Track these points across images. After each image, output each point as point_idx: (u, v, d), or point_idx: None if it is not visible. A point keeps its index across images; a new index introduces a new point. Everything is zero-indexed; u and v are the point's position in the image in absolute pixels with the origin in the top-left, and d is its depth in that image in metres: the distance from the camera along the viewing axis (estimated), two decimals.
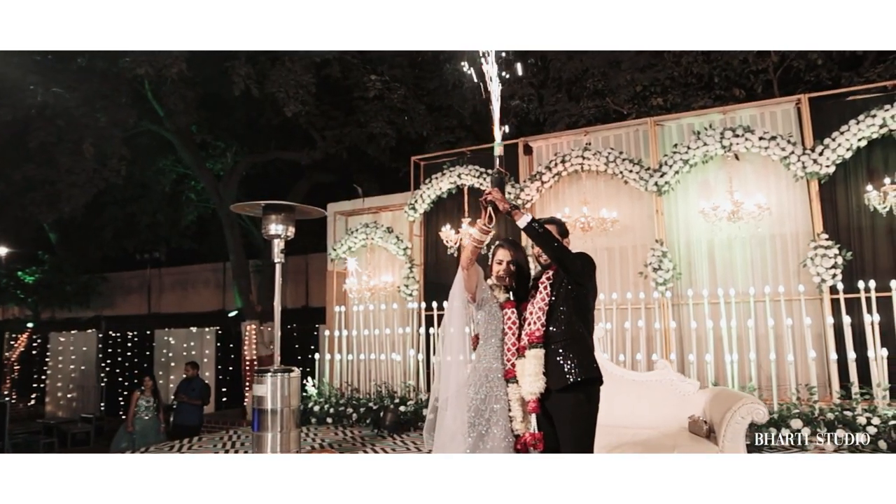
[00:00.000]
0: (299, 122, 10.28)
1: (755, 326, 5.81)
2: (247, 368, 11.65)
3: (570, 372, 2.85)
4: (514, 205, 2.91)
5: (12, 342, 16.02)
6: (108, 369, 15.08)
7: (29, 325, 16.90)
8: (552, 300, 2.96)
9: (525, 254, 3.18)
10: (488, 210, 2.93)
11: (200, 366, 10.61)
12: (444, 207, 8.08)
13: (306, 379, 7.43)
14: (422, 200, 8.04)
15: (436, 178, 7.94)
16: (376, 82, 9.78)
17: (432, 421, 3.03)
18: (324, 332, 8.48)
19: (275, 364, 5.33)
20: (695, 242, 6.65)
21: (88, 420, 12.96)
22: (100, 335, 15.23)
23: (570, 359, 2.87)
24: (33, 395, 15.61)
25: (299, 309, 14.84)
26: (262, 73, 9.27)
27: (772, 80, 8.61)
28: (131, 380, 14.78)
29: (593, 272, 3.01)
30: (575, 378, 2.84)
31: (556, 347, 2.91)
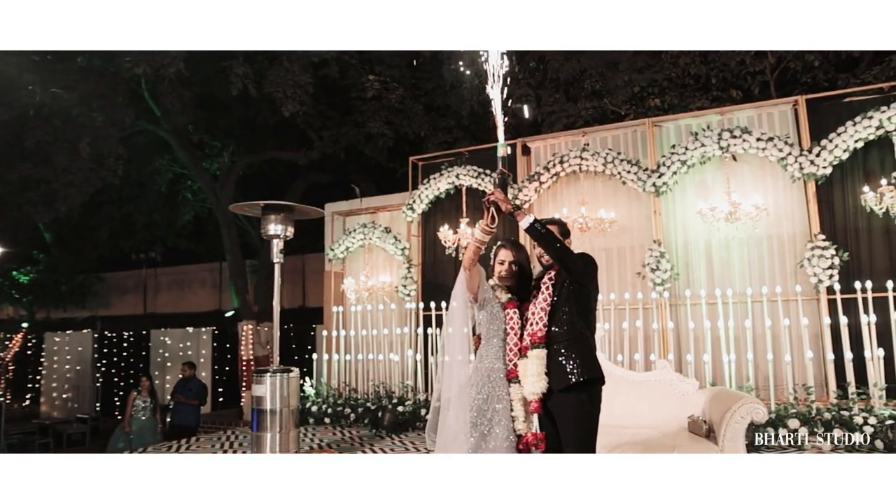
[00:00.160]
0: (297, 122, 10.27)
1: (752, 327, 5.84)
2: (243, 368, 11.61)
3: (572, 372, 2.85)
4: (517, 205, 2.92)
5: (7, 342, 15.94)
6: (103, 369, 15.03)
7: (24, 325, 16.83)
8: (554, 300, 2.97)
9: (527, 254, 3.19)
10: (491, 211, 2.93)
11: (197, 366, 10.58)
12: (442, 208, 8.08)
13: (304, 379, 7.42)
14: (420, 201, 8.04)
15: (434, 178, 7.94)
16: (374, 82, 9.78)
17: (434, 421, 3.03)
18: (321, 332, 8.47)
19: (274, 364, 5.33)
20: (692, 243, 6.68)
21: (84, 420, 12.93)
22: (95, 335, 15.18)
23: (572, 359, 2.87)
24: (28, 396, 15.54)
25: (296, 309, 14.82)
26: (259, 72, 9.26)
27: (769, 82, 8.65)
28: (127, 380, 14.74)
29: (595, 272, 3.02)
30: (577, 378, 2.85)
31: (558, 348, 2.92)
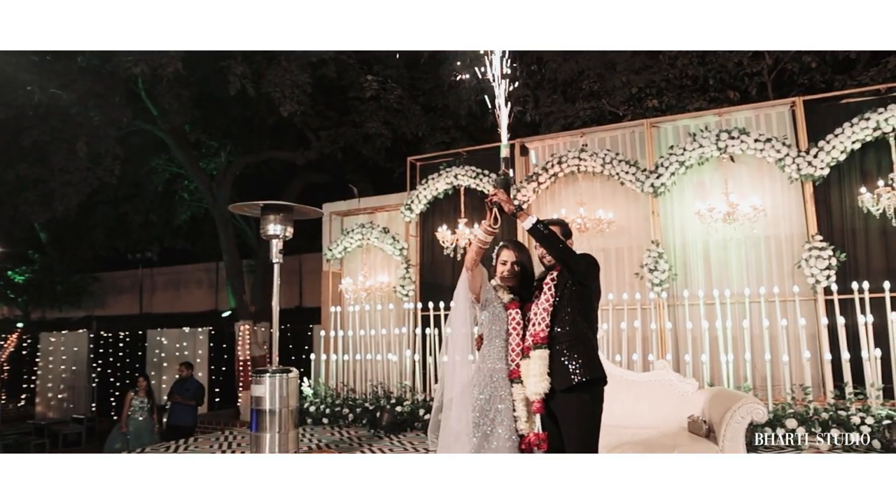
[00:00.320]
0: (294, 122, 10.25)
1: (750, 327, 5.86)
2: (240, 369, 11.59)
3: (574, 372, 2.86)
4: (520, 206, 2.93)
5: (2, 342, 15.86)
6: (99, 370, 14.97)
7: (19, 325, 16.75)
8: (556, 301, 2.98)
9: (529, 255, 3.19)
10: (494, 211, 2.94)
11: (193, 366, 10.56)
12: (440, 208, 8.08)
13: (301, 379, 7.41)
14: (418, 201, 8.04)
15: (432, 178, 7.94)
16: (373, 83, 9.77)
17: (437, 421, 3.03)
18: (319, 332, 8.46)
19: (273, 364, 5.33)
20: (690, 243, 6.70)
21: (80, 421, 12.88)
22: (91, 335, 15.12)
23: (574, 359, 2.88)
24: (23, 396, 15.46)
25: (293, 309, 14.79)
26: (257, 72, 9.23)
27: (766, 83, 8.68)
28: (123, 380, 14.69)
29: (597, 273, 3.04)
30: (580, 378, 2.86)
31: (560, 348, 2.92)
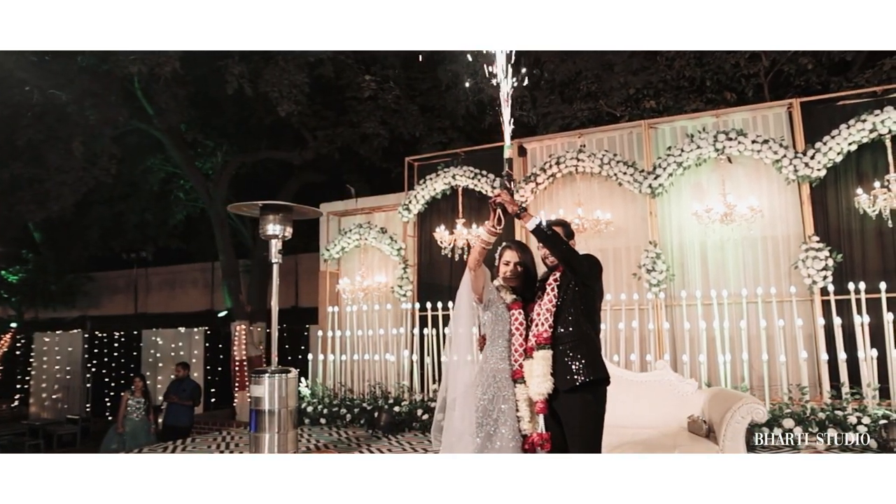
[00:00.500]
0: (291, 121, 10.22)
1: (747, 327, 5.89)
2: (236, 369, 11.56)
3: (578, 373, 2.87)
4: (523, 207, 2.93)
5: None
6: (93, 370, 14.90)
7: (12, 325, 16.65)
8: (559, 301, 2.99)
9: (532, 255, 3.20)
10: (497, 212, 2.95)
11: (190, 366, 10.52)
12: (438, 208, 8.08)
13: (299, 380, 7.40)
14: (416, 201, 8.04)
15: (430, 178, 7.94)
16: (371, 83, 9.75)
17: (440, 421, 3.04)
18: (316, 332, 8.44)
19: (272, 364, 5.32)
20: (688, 244, 6.72)
21: (74, 421, 12.82)
22: (85, 335, 15.05)
23: (577, 360, 2.89)
24: (17, 397, 15.38)
25: (289, 309, 14.76)
26: (255, 72, 9.20)
27: (762, 84, 8.73)
28: (118, 380, 14.63)
29: (600, 273, 3.04)
30: (583, 379, 2.87)
31: (563, 348, 2.93)
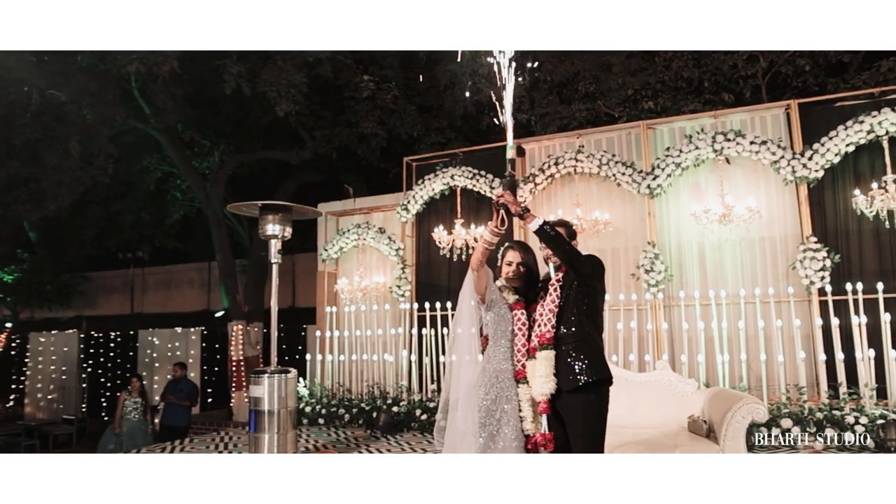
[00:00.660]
0: (289, 121, 10.20)
1: (745, 328, 5.91)
2: (233, 369, 11.53)
3: (580, 373, 2.88)
4: (526, 208, 2.94)
5: None
6: (89, 370, 14.85)
7: (7, 324, 16.57)
8: (562, 302, 2.99)
9: (534, 256, 3.20)
10: (500, 212, 2.96)
11: (187, 366, 10.49)
12: (436, 208, 8.09)
13: (297, 380, 7.40)
14: (414, 201, 8.04)
15: (428, 179, 7.94)
16: (369, 83, 9.74)
17: (443, 422, 3.04)
18: (314, 332, 8.43)
19: (272, 364, 5.31)
20: (686, 245, 6.74)
21: (70, 422, 12.77)
22: (81, 335, 14.99)
23: (580, 360, 2.90)
24: (12, 397, 15.30)
25: (286, 309, 14.73)
26: (253, 71, 9.18)
27: (760, 86, 8.77)
28: (114, 381, 14.58)
29: (603, 274, 3.05)
30: (586, 379, 2.87)
31: (566, 349, 2.94)
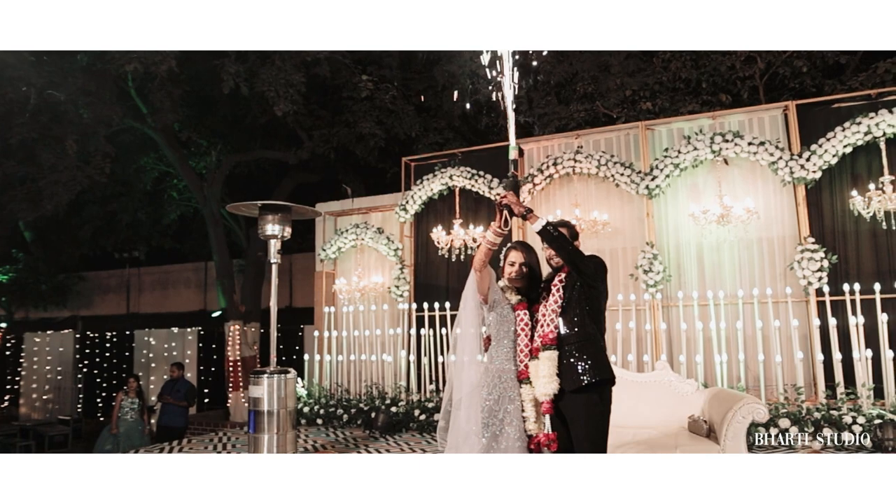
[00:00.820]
0: (287, 121, 10.19)
1: (743, 328, 5.94)
2: (230, 369, 11.50)
3: (583, 373, 2.88)
4: (529, 208, 2.94)
5: None
6: (85, 370, 14.79)
7: (2, 325, 16.49)
8: (565, 302, 3.00)
9: (537, 256, 3.21)
10: (503, 213, 2.96)
11: (184, 366, 10.47)
12: (435, 209, 8.09)
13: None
14: (413, 202, 8.04)
15: (427, 179, 7.94)
16: (368, 83, 9.73)
17: (446, 422, 3.04)
18: (312, 332, 8.42)
19: (271, 364, 5.30)
20: (684, 245, 6.76)
21: (66, 422, 12.70)
22: (77, 335, 14.93)
23: (583, 360, 2.90)
24: (7, 397, 15.23)
25: (283, 309, 14.63)
26: (251, 71, 9.16)
27: (758, 87, 8.80)
28: (110, 381, 14.53)
29: (605, 274, 3.06)
30: (589, 379, 2.88)
31: (569, 349, 2.94)
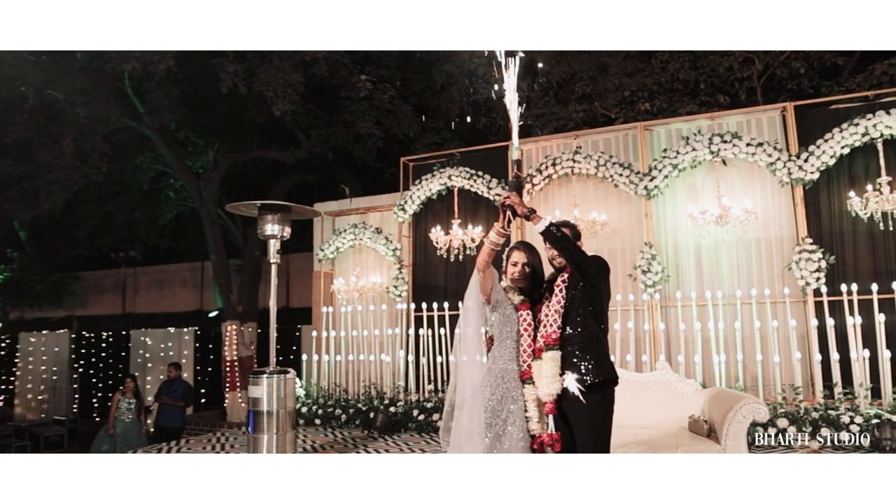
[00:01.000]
0: (285, 121, 10.17)
1: (742, 328, 5.96)
2: (227, 369, 11.48)
3: (587, 374, 2.89)
4: (532, 209, 2.94)
5: None
6: (80, 370, 14.72)
7: None
8: (568, 303, 3.01)
9: (539, 257, 3.21)
10: (507, 213, 2.97)
11: (181, 367, 10.42)
12: (433, 209, 8.09)
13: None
14: (412, 201, 8.04)
15: (426, 179, 7.94)
16: (367, 83, 9.72)
17: (449, 422, 3.04)
18: (310, 332, 8.41)
19: (271, 364, 5.30)
20: (682, 245, 6.79)
21: (61, 423, 12.65)
22: (72, 335, 14.86)
23: (586, 360, 2.91)
24: (2, 398, 15.15)
25: (280, 309, 14.60)
26: (249, 70, 9.14)
27: (755, 88, 8.83)
28: (106, 381, 14.46)
29: (608, 275, 3.06)
30: (592, 380, 2.88)
31: (572, 349, 2.95)
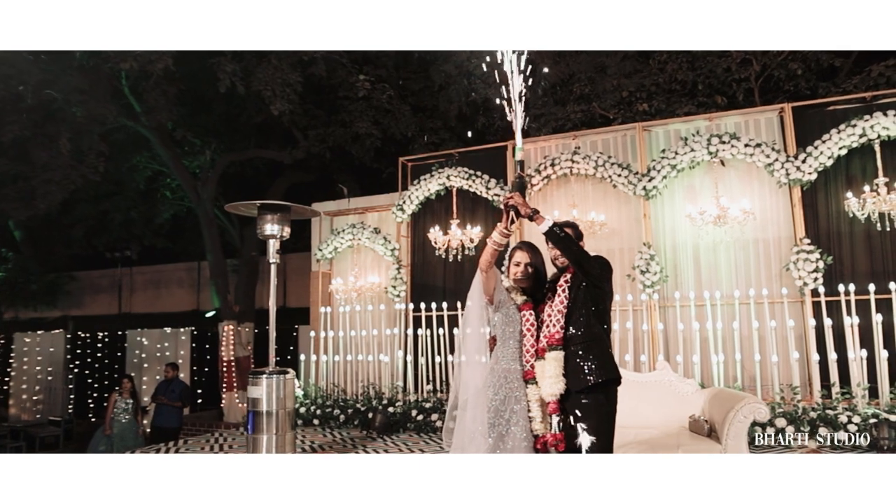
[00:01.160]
0: (282, 120, 10.15)
1: (740, 328, 5.99)
2: (224, 370, 11.45)
3: (589, 374, 2.89)
4: (535, 209, 2.95)
5: None
6: (76, 371, 14.66)
7: None
8: (570, 303, 3.01)
9: (542, 257, 3.22)
10: (510, 214, 2.97)
11: (178, 367, 10.40)
12: (432, 209, 8.09)
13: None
14: (410, 202, 8.03)
15: (424, 179, 7.94)
16: (365, 83, 9.71)
17: (451, 422, 3.04)
18: (306, 332, 8.40)
19: (270, 365, 5.29)
20: (681, 246, 6.80)
21: (57, 423, 12.60)
22: (68, 336, 14.80)
23: (589, 360, 2.91)
24: None
25: (277, 309, 14.59)
26: (247, 70, 9.11)
27: (753, 89, 8.86)
28: (102, 381, 14.40)
29: (610, 275, 3.07)
30: (595, 380, 2.89)
31: (575, 349, 2.95)
